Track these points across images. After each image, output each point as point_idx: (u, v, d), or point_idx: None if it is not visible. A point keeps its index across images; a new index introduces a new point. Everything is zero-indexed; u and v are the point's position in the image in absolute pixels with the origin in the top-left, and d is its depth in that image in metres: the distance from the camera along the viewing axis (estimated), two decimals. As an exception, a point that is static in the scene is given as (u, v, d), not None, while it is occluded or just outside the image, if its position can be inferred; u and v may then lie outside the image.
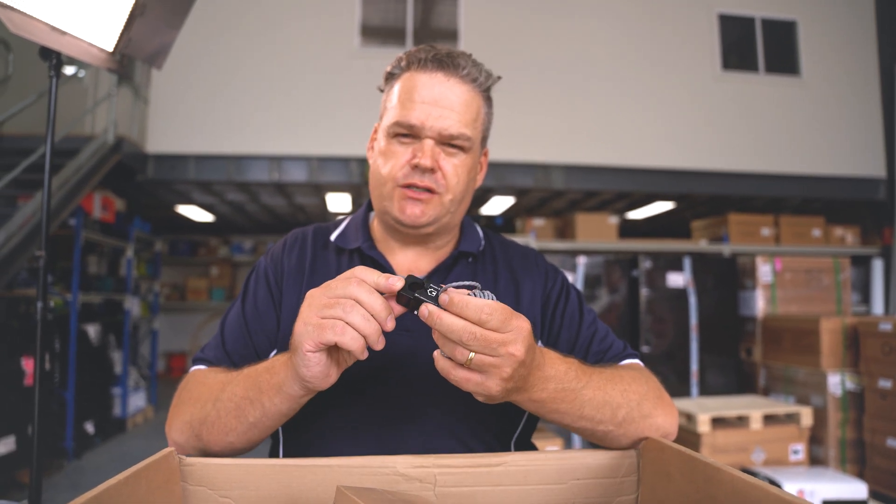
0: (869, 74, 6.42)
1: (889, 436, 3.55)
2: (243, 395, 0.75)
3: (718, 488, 0.58)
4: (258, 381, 0.74)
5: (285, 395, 0.72)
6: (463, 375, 0.64)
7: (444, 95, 0.89)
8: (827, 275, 4.58)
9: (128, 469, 0.57)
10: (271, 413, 0.74)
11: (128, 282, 5.75)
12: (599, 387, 0.75)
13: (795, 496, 0.51)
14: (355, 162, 5.63)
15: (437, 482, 0.70)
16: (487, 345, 0.61)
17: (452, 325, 0.61)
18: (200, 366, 0.92)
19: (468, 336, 0.61)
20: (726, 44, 6.21)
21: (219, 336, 0.95)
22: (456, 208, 0.95)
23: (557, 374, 0.71)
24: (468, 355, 0.62)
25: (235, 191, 6.53)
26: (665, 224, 8.66)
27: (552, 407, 0.72)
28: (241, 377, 0.77)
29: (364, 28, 5.85)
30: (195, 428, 0.79)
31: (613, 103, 5.92)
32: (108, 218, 5.33)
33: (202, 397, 0.81)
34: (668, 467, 0.68)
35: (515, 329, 0.62)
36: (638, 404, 0.78)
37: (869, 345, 3.72)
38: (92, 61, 1.50)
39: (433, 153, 0.89)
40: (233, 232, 10.07)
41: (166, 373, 9.31)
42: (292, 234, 1.06)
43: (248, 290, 0.99)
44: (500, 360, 0.62)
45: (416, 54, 0.92)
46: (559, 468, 0.73)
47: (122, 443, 5.13)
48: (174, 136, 5.48)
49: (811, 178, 6.17)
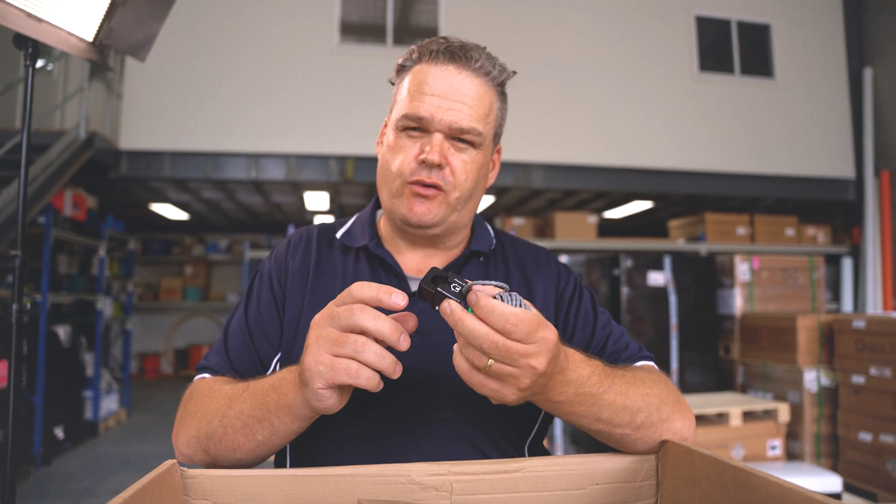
0: (839, 78, 6.55)
1: (861, 430, 3.62)
2: (251, 414, 0.72)
3: (751, 493, 0.56)
4: (266, 400, 0.71)
5: (295, 416, 0.70)
6: (479, 380, 0.61)
7: (454, 88, 0.86)
8: (802, 273, 4.66)
9: (130, 487, 0.54)
10: (280, 432, 0.72)
11: (100, 281, 5.61)
12: (621, 391, 0.73)
13: (831, 498, 0.49)
14: (334, 160, 5.57)
15: (454, 490, 0.67)
16: (508, 355, 0.58)
17: (474, 329, 0.58)
18: (204, 374, 0.89)
19: (489, 345, 0.58)
20: (703, 46, 6.28)
21: (222, 342, 0.92)
22: (463, 206, 0.91)
23: (579, 379, 0.68)
24: (487, 362, 0.59)
25: (212, 189, 6.42)
26: (643, 223, 8.74)
27: (569, 409, 0.70)
28: (248, 394, 0.74)
29: (343, 25, 5.79)
30: (202, 443, 0.76)
31: (593, 103, 5.95)
32: (79, 216, 5.19)
33: (209, 412, 0.77)
34: (692, 472, 0.66)
35: (541, 341, 0.59)
36: (657, 408, 0.76)
37: (843, 341, 3.78)
38: (71, 51, 1.44)
39: (441, 148, 0.86)
40: (208, 230, 9.92)
41: (139, 374, 9.14)
42: (296, 233, 1.02)
43: (252, 294, 0.95)
44: (520, 371, 0.59)
45: (428, 46, 0.89)
46: (578, 473, 0.70)
47: (94, 447, 5.00)
48: (149, 132, 5.36)
49: (784, 178, 6.27)
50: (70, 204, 5.03)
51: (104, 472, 4.32)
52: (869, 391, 3.58)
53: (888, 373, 3.44)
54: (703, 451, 0.66)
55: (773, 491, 0.54)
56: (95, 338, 5.49)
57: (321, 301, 0.90)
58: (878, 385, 3.51)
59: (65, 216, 4.92)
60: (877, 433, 3.52)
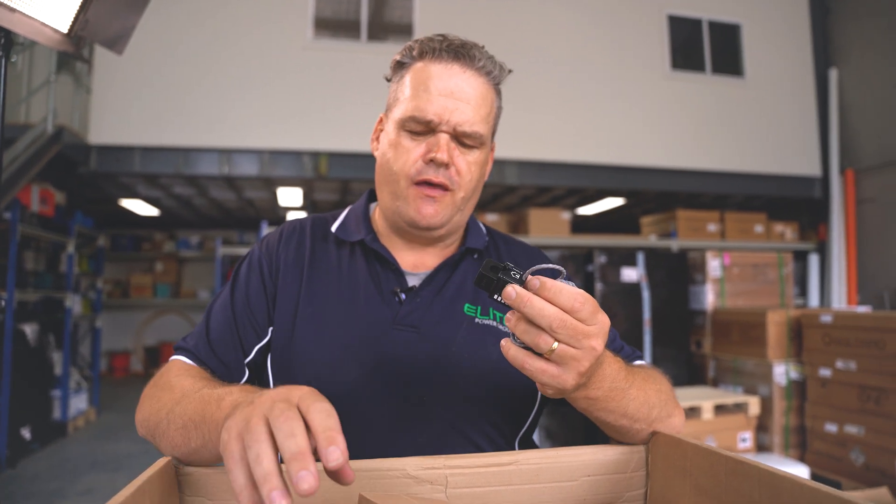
0: (806, 79, 6.70)
1: (827, 421, 3.73)
2: (191, 418, 0.68)
3: (743, 481, 0.58)
4: (205, 409, 0.67)
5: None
6: (540, 366, 0.61)
7: (460, 88, 0.86)
8: (772, 269, 4.76)
9: (127, 487, 0.53)
10: (212, 447, 0.65)
11: (68, 279, 5.48)
12: (641, 387, 0.75)
13: (825, 486, 0.51)
14: (308, 156, 5.52)
15: (449, 483, 0.68)
16: (574, 335, 0.59)
17: (544, 309, 0.58)
18: (181, 356, 0.88)
19: (559, 323, 0.58)
20: (675, 44, 6.37)
21: (203, 325, 0.90)
22: (465, 206, 0.92)
23: (612, 373, 0.70)
24: (552, 345, 0.59)
25: (183, 184, 6.32)
26: (615, 220, 8.84)
27: (603, 405, 0.71)
28: (197, 397, 0.70)
29: (317, 20, 5.74)
30: (150, 429, 0.76)
31: (566, 100, 5.99)
32: (47, 212, 5.07)
33: (163, 399, 0.76)
34: (683, 462, 0.68)
35: (600, 323, 0.60)
36: (665, 404, 0.78)
37: (811, 336, 3.89)
38: (46, 42, 1.40)
39: (448, 147, 0.86)
40: (179, 227, 9.75)
41: (109, 373, 8.96)
42: (289, 224, 1.02)
43: (239, 280, 0.94)
44: (582, 353, 0.60)
45: (429, 43, 0.88)
46: (570, 465, 0.71)
47: (63, 448, 4.89)
48: (119, 126, 5.24)
49: (754, 176, 6.40)
50: (37, 199, 4.91)
51: (74, 474, 4.23)
52: (835, 384, 3.69)
53: (853, 366, 3.55)
54: (694, 442, 0.67)
55: (766, 479, 0.55)
56: (64, 336, 5.37)
57: (317, 293, 0.90)
58: (844, 378, 3.62)
59: (32, 212, 4.80)
60: (842, 424, 3.63)
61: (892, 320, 3.31)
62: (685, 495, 0.67)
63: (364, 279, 0.92)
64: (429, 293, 0.91)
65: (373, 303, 0.90)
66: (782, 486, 0.53)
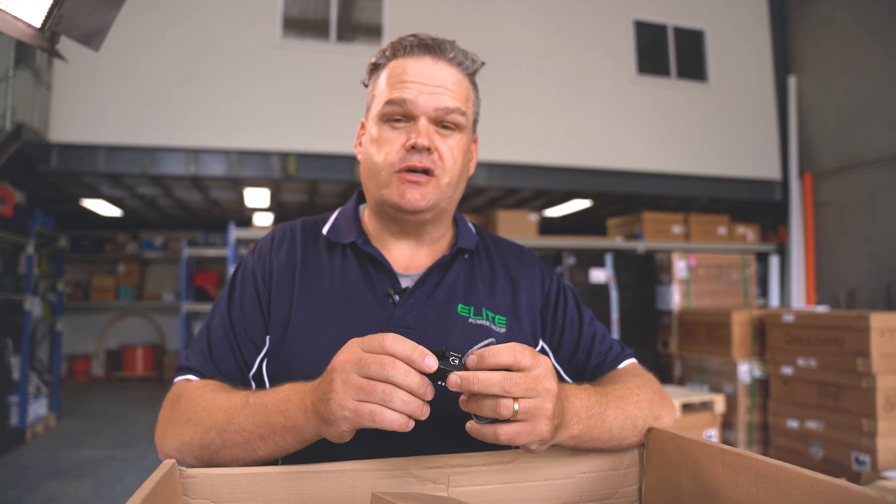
0: (766, 85, 6.90)
1: (789, 417, 3.84)
2: (253, 431, 0.72)
3: (740, 474, 0.60)
4: (270, 420, 0.71)
5: (301, 439, 0.71)
6: (513, 430, 0.63)
7: (434, 76, 0.88)
8: (735, 270, 4.89)
9: (137, 493, 0.52)
10: (283, 449, 0.73)
11: (28, 280, 5.32)
12: (617, 405, 0.77)
13: (822, 475, 0.53)
14: (276, 156, 5.47)
15: (451, 482, 0.69)
16: (528, 386, 0.61)
17: (492, 378, 0.61)
18: (188, 376, 0.87)
19: (510, 383, 0.60)
20: (641, 49, 6.50)
21: (204, 342, 0.89)
22: (452, 193, 0.93)
23: (583, 402, 0.72)
24: (513, 406, 0.61)
25: (148, 184, 6.19)
26: (581, 221, 8.95)
27: (588, 437, 0.73)
28: (249, 410, 0.74)
29: (286, 20, 5.69)
30: (195, 451, 0.76)
31: (534, 103, 6.05)
32: (5, 211, 4.91)
33: (203, 421, 0.76)
34: (678, 456, 0.70)
35: (543, 363, 0.63)
36: (650, 409, 0.81)
37: (773, 335, 4.00)
38: (19, 37, 1.36)
39: (429, 132, 0.87)
40: (142, 227, 9.54)
41: (69, 377, 8.70)
42: (279, 228, 1.01)
43: (235, 292, 0.93)
44: (541, 399, 0.62)
45: (401, 42, 0.91)
46: (567, 462, 0.73)
47: (21, 455, 4.74)
48: (82, 124, 5.10)
49: (717, 179, 6.56)
50: (-6, 199, 4.75)
51: (33, 481, 4.10)
52: (796, 381, 3.80)
53: (813, 363, 3.66)
54: (689, 437, 0.69)
55: (763, 469, 0.58)
56: (23, 339, 5.20)
57: (310, 298, 0.89)
58: (805, 375, 3.73)
59: (-11, 211, 4.64)
60: (803, 420, 3.74)
61: (850, 319, 3.43)
62: (680, 489, 0.69)
63: (357, 281, 0.92)
64: (422, 294, 0.92)
65: (367, 305, 0.90)
66: (780, 476, 0.56)
